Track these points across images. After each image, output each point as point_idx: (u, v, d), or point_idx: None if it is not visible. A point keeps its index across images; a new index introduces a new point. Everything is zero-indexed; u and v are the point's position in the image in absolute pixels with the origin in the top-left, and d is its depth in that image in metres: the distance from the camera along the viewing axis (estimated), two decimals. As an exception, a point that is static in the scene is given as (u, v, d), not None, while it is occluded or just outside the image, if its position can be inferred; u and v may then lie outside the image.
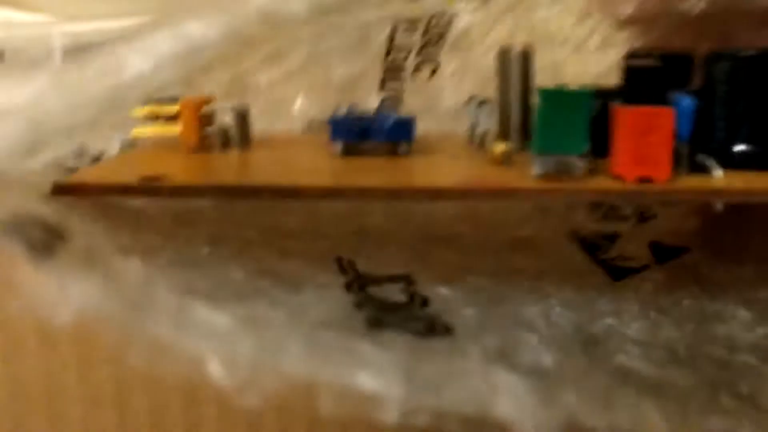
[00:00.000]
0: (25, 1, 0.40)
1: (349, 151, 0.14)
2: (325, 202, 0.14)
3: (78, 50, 0.40)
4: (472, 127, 0.16)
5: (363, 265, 0.14)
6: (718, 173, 0.13)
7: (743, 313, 0.15)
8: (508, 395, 0.11)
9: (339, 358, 0.12)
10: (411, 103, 0.17)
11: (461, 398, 0.11)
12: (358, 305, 0.14)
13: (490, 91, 0.16)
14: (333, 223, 0.14)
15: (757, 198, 0.13)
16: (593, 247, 0.16)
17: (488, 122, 0.15)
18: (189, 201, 0.14)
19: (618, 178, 0.12)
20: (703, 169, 0.13)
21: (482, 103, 0.15)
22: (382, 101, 0.17)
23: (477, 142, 0.15)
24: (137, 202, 0.13)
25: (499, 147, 0.14)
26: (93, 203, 0.13)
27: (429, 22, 0.16)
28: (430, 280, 0.14)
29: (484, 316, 0.14)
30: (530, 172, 0.13)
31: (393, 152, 0.14)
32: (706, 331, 0.15)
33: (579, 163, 0.12)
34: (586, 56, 0.19)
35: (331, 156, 0.14)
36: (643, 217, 0.16)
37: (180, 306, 0.12)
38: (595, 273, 0.16)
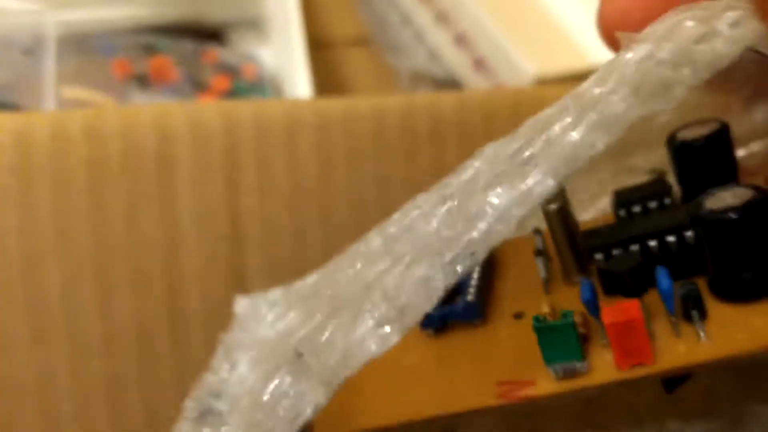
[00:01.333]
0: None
1: (438, 332, 0.17)
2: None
3: (72, 39, 0.39)
4: (539, 258, 0.18)
5: None
6: (702, 336, 0.15)
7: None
8: None
9: None
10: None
11: None
12: None
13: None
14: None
15: (738, 360, 0.14)
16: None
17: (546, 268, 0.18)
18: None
19: (617, 366, 0.15)
20: (692, 320, 0.15)
21: (540, 252, 0.18)
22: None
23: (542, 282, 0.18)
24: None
25: (545, 309, 0.16)
26: None
27: None
28: None
29: None
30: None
31: (470, 323, 0.17)
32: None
33: (579, 365, 0.15)
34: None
35: (428, 337, 0.18)
36: None
37: None
38: (654, 389, 0.18)
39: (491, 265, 0.19)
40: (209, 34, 0.43)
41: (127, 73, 0.38)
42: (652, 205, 0.18)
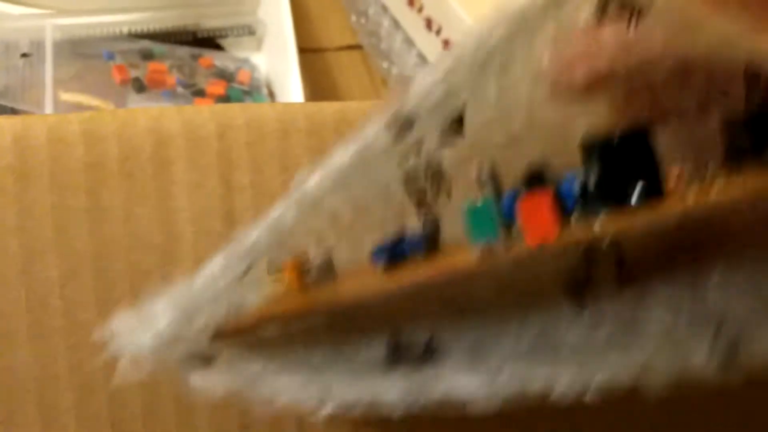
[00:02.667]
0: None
1: (388, 267, 0.21)
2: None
3: (71, 45, 0.40)
4: None
5: (405, 336, 0.22)
6: (597, 221, 0.18)
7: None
8: (461, 384, 0.18)
9: (364, 383, 0.19)
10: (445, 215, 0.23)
11: (436, 391, 0.18)
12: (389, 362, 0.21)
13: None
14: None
15: (628, 232, 0.18)
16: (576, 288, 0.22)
17: None
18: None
19: (527, 242, 0.18)
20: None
21: None
22: (424, 220, 0.23)
23: None
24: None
25: None
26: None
27: (426, 166, 0.22)
28: (443, 336, 0.21)
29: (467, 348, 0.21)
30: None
31: (414, 258, 0.21)
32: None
33: (497, 243, 0.18)
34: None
35: (378, 271, 0.21)
36: (619, 263, 0.22)
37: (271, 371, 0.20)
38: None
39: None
40: (205, 40, 0.44)
41: (124, 78, 0.39)
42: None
